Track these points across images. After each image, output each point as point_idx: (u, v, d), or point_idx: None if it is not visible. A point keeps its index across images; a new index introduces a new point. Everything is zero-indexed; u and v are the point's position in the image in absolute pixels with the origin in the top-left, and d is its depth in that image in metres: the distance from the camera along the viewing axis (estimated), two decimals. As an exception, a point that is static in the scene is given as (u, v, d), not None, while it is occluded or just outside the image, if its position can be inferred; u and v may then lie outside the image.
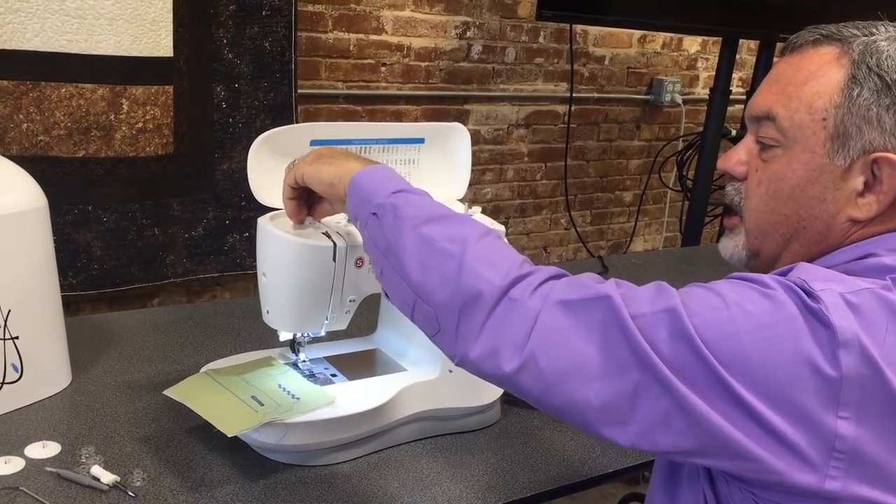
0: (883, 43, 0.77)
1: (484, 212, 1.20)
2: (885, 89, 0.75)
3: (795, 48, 0.82)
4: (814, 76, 0.79)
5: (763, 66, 2.88)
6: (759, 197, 0.83)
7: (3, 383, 1.11)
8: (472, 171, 1.25)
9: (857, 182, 0.77)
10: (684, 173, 3.15)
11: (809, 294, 0.68)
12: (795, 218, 0.81)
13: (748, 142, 0.85)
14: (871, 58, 0.76)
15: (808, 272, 0.72)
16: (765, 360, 0.66)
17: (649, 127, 3.54)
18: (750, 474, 0.69)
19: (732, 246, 0.87)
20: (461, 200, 1.21)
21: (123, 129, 2.20)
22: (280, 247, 1.02)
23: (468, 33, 2.88)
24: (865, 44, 0.78)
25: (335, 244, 1.02)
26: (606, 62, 3.28)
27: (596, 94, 3.29)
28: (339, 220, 1.07)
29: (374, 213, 0.85)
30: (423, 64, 2.82)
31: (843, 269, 0.76)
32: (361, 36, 2.65)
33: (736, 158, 0.86)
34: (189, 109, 2.31)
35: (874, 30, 0.79)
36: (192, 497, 0.97)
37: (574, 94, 3.18)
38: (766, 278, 0.71)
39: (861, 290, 0.69)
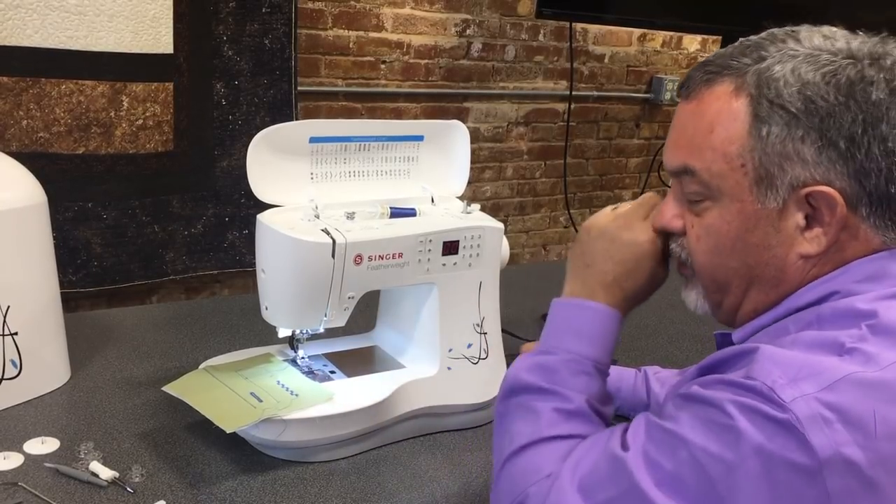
0: (777, 68, 0.72)
1: (483, 209, 1.20)
2: (794, 120, 0.70)
3: (690, 93, 0.78)
4: (717, 121, 0.74)
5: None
6: (703, 253, 0.80)
7: (2, 379, 1.11)
8: (472, 168, 1.25)
9: (797, 218, 0.73)
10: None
11: (779, 405, 0.63)
12: (745, 269, 0.77)
13: (676, 194, 0.82)
14: (770, 89, 0.71)
15: (773, 367, 0.66)
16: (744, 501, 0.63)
17: (649, 125, 3.54)
18: None
19: (694, 298, 0.84)
20: (460, 198, 1.21)
21: (123, 125, 2.20)
22: (279, 243, 1.03)
23: (468, 31, 2.88)
24: (759, 73, 0.72)
25: (334, 241, 1.02)
26: (606, 60, 3.27)
27: (595, 93, 3.29)
28: (338, 217, 1.07)
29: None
30: (422, 61, 2.81)
31: (816, 315, 0.72)
32: (361, 33, 2.65)
33: (670, 213, 0.82)
34: (189, 106, 2.31)
35: (764, 52, 0.74)
36: (191, 493, 0.97)
37: (574, 93, 3.18)
38: (727, 403, 0.66)
39: (839, 380, 0.64)
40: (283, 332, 1.13)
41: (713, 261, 0.79)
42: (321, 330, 1.11)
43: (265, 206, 1.08)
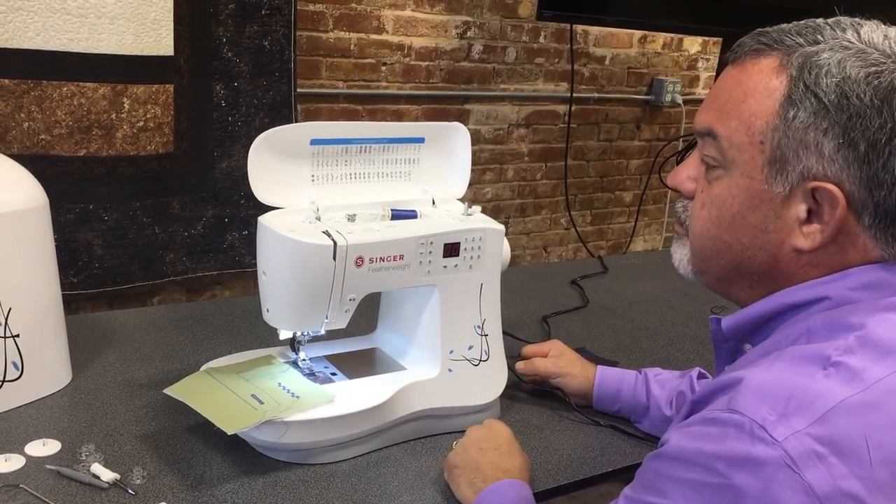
0: (826, 55, 0.70)
1: (484, 211, 1.20)
2: (823, 111, 0.69)
3: (737, 59, 0.77)
4: (752, 93, 0.74)
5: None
6: (703, 221, 0.79)
7: (3, 381, 1.11)
8: (473, 170, 1.25)
9: (800, 210, 0.72)
10: (684, 173, 3.15)
11: (770, 444, 0.62)
12: (738, 247, 0.77)
13: (697, 157, 0.81)
14: (810, 74, 0.70)
15: (760, 402, 0.64)
16: None
17: (649, 127, 3.54)
18: None
19: (679, 257, 0.85)
20: (461, 200, 1.21)
21: (124, 127, 2.21)
22: (280, 245, 1.03)
23: (469, 33, 2.88)
24: (805, 56, 0.71)
25: (335, 243, 1.02)
26: (607, 62, 3.28)
27: (596, 94, 3.29)
28: (339, 219, 1.08)
29: None
30: (423, 63, 2.82)
31: (806, 328, 0.72)
32: (362, 35, 2.65)
33: (686, 174, 0.82)
34: (189, 108, 2.31)
35: (820, 36, 0.72)
36: (192, 495, 0.97)
37: (574, 94, 3.18)
38: (713, 459, 0.64)
39: (828, 411, 0.63)
40: (284, 334, 1.13)
41: (710, 230, 0.79)
42: (322, 332, 1.12)
43: (265, 207, 1.08)
